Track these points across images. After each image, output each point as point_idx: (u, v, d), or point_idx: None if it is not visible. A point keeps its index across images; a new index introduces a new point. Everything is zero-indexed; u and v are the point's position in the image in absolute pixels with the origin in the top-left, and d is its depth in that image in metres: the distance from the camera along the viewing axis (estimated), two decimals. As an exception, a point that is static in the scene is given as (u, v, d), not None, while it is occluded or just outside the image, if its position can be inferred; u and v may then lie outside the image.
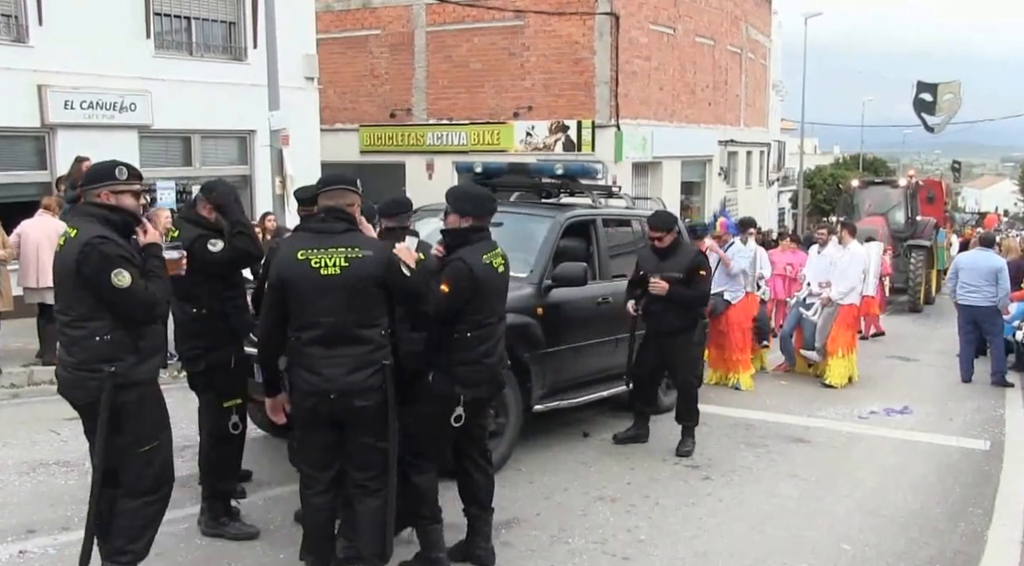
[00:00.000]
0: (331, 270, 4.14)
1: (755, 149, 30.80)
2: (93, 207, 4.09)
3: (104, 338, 3.96)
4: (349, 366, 4.17)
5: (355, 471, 4.36)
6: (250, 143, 14.97)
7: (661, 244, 7.16)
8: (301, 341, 4.21)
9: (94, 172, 4.20)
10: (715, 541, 5.54)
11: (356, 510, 4.39)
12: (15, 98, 11.86)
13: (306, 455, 4.45)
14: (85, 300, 3.95)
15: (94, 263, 3.90)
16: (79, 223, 4.06)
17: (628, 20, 20.67)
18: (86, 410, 4.09)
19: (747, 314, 10.05)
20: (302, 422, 4.40)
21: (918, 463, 7.43)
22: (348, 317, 4.17)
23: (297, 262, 4.18)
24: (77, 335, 3.98)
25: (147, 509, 4.18)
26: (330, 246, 4.18)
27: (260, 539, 5.26)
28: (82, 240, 3.93)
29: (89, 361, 3.96)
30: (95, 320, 3.96)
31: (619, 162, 20.09)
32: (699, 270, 7.16)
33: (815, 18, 33.00)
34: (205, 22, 14.43)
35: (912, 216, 20.09)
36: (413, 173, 22.09)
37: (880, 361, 12.13)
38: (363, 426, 4.28)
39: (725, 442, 7.77)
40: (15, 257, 9.04)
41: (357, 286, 4.17)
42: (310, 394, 4.21)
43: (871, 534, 5.74)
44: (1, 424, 7.65)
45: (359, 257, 4.18)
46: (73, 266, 3.91)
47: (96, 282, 3.91)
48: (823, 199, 43.36)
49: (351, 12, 22.98)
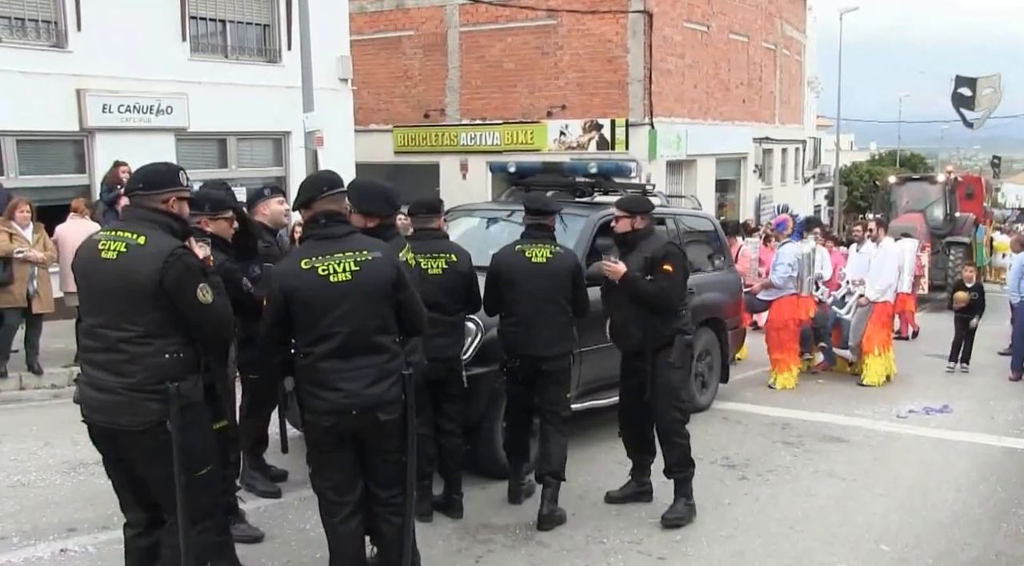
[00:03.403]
0: (342, 276, 3.89)
1: (790, 146, 30.51)
2: (157, 213, 3.71)
3: (175, 356, 3.62)
4: (370, 378, 3.93)
5: (379, 489, 4.13)
6: (285, 145, 15.10)
7: (618, 228, 5.87)
8: (314, 356, 3.91)
9: (159, 175, 3.80)
10: (751, 541, 5.48)
11: (382, 531, 4.18)
12: (55, 102, 12.04)
13: (329, 479, 4.08)
14: (152, 314, 3.58)
15: (179, 275, 3.58)
16: (140, 229, 3.66)
17: (661, 18, 20.56)
18: (133, 438, 3.63)
19: (790, 314, 9.91)
20: (320, 445, 4.04)
21: (959, 462, 7.30)
22: (367, 324, 3.94)
23: (302, 271, 3.90)
24: (140, 352, 3.57)
25: (204, 537, 3.84)
26: (336, 252, 3.94)
27: (286, 541, 5.29)
28: (161, 249, 3.58)
29: (151, 380, 3.57)
30: (164, 337, 3.60)
31: (653, 160, 19.99)
32: (662, 263, 5.65)
33: (851, 13, 32.62)
34: (240, 25, 14.57)
35: (951, 212, 19.78)
36: (447, 173, 22.14)
37: (919, 359, 11.95)
38: (386, 440, 4.05)
39: (761, 441, 7.70)
40: (55, 260, 9.18)
41: (371, 291, 3.95)
42: (328, 413, 3.91)
43: (911, 534, 5.65)
44: (43, 424, 7.78)
45: (369, 260, 3.96)
46: (155, 276, 3.54)
47: (179, 296, 3.58)
48: (859, 196, 42.84)
49: (384, 13, 23.08)
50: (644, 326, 5.66)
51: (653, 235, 5.90)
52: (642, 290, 5.60)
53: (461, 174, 21.93)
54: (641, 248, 5.73)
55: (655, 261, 5.63)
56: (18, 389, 8.97)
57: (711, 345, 8.70)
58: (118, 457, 3.73)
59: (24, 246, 8.89)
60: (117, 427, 3.62)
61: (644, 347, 5.67)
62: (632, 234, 5.79)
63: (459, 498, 5.72)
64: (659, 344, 5.66)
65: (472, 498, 5.87)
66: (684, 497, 5.75)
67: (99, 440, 3.75)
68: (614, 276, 5.66)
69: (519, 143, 21.25)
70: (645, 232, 5.82)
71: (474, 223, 8.17)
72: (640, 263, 5.64)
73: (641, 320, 5.66)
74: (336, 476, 4.06)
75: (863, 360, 10.34)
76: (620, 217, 5.84)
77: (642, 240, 5.77)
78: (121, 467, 3.76)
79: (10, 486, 6.20)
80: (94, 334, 3.66)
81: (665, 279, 5.62)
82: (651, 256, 5.63)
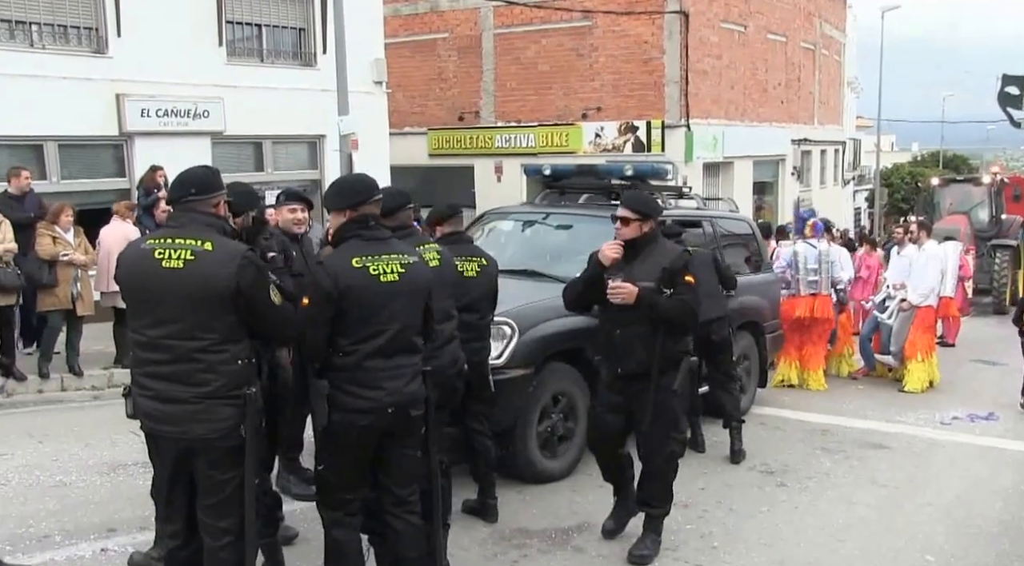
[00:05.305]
0: (391, 276, 3.96)
1: (829, 147, 30.13)
2: (212, 217, 3.72)
3: (247, 361, 3.66)
4: (408, 376, 4.01)
5: (397, 487, 4.13)
6: (320, 148, 15.15)
7: (624, 233, 5.05)
8: (359, 354, 3.91)
9: (208, 179, 3.80)
10: (791, 549, 5.39)
11: (398, 530, 4.15)
12: (95, 107, 12.18)
13: (346, 477, 4.05)
14: (228, 320, 3.59)
15: (254, 278, 3.61)
16: (201, 235, 3.62)
17: (698, 18, 20.40)
18: (204, 445, 3.61)
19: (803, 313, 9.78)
20: (348, 445, 3.98)
21: (1007, 472, 7.13)
22: (410, 324, 4.05)
23: (354, 270, 3.91)
24: (216, 360, 3.57)
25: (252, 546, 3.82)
26: (383, 253, 4.00)
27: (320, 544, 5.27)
28: (232, 254, 3.60)
29: (226, 388, 3.58)
30: (236, 342, 3.62)
31: (689, 163, 19.82)
32: (684, 274, 4.99)
33: (892, 11, 32.19)
34: (276, 29, 14.65)
35: (997, 214, 19.40)
36: (481, 176, 22.14)
37: (963, 365, 11.72)
38: (410, 436, 4.12)
39: (800, 447, 7.58)
40: (95, 263, 9.30)
41: (415, 292, 4.05)
42: (367, 412, 3.91)
43: (957, 545, 5.52)
44: (83, 425, 7.87)
45: (411, 263, 4.07)
46: (231, 281, 3.54)
47: (255, 298, 3.62)
48: (901, 198, 42.25)
49: (419, 16, 23.14)
50: (651, 346, 4.96)
51: (660, 240, 5.18)
52: (664, 310, 4.90)
53: (496, 177, 21.90)
54: (651, 256, 5.00)
55: (674, 272, 4.95)
56: (60, 390, 9.08)
57: (749, 349, 8.58)
58: (180, 467, 3.71)
59: (68, 249, 9.03)
60: (188, 436, 3.60)
61: (649, 369, 4.98)
62: (642, 239, 5.03)
63: (494, 502, 5.68)
64: (666, 366, 5.01)
65: (507, 502, 5.84)
66: (654, 533, 5.20)
67: (162, 450, 3.73)
68: (626, 300, 4.88)
69: (554, 145, 21.18)
70: (654, 237, 5.11)
71: (509, 227, 8.13)
72: (655, 274, 4.93)
73: (649, 339, 4.95)
74: (354, 474, 4.06)
75: (905, 366, 10.16)
76: (628, 219, 5.03)
77: (650, 246, 5.05)
78: (181, 476, 3.73)
79: (52, 486, 6.27)
80: (159, 346, 3.59)
81: (688, 292, 4.96)
82: (669, 267, 4.94)
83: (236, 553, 3.74)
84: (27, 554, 5.08)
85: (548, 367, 6.30)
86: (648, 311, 4.90)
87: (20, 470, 6.57)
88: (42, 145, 11.92)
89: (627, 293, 4.87)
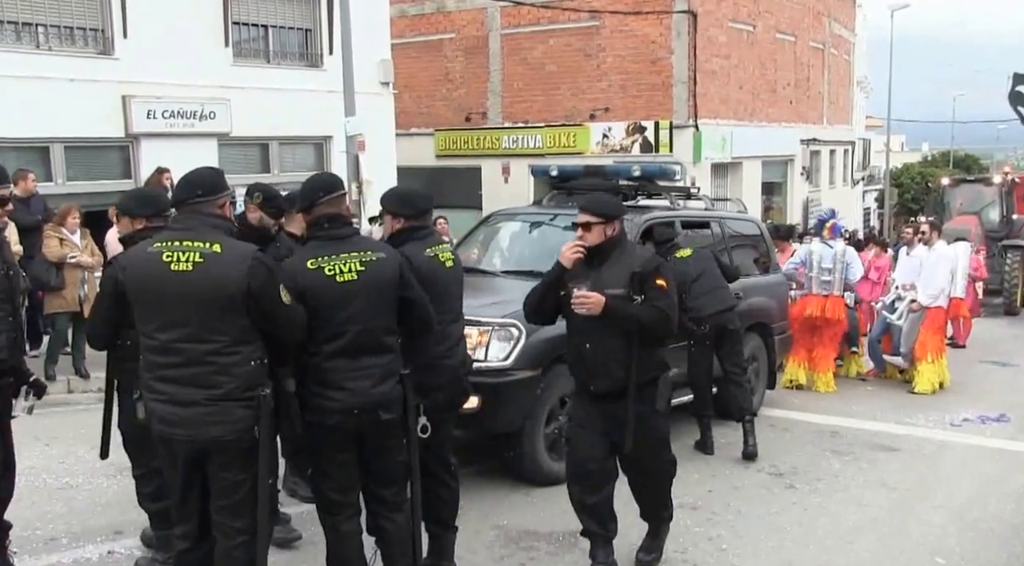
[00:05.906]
0: (348, 276, 3.93)
1: (839, 148, 30.04)
2: (218, 219, 3.73)
3: (259, 362, 3.66)
4: (376, 377, 3.96)
5: (380, 487, 4.15)
6: (327, 149, 15.13)
7: (589, 238, 4.58)
8: (322, 355, 3.91)
9: (214, 180, 3.80)
10: (801, 551, 5.35)
11: (385, 529, 4.19)
12: (102, 109, 12.19)
13: (334, 478, 4.06)
14: (240, 321, 3.59)
15: (264, 278, 3.61)
16: (208, 236, 3.62)
17: (706, 18, 20.35)
18: (218, 447, 3.63)
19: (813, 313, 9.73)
20: (323, 445, 4.01)
21: (1018, 473, 7.07)
22: (375, 324, 3.98)
23: (308, 271, 3.91)
24: (229, 362, 3.58)
25: (264, 544, 3.82)
26: (341, 252, 3.97)
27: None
28: (242, 255, 3.61)
29: (241, 388, 3.60)
30: (249, 343, 3.62)
31: (698, 163, 19.78)
32: (655, 277, 4.56)
33: (902, 10, 32.05)
34: (282, 30, 14.66)
35: (1008, 215, 19.26)
36: (488, 177, 22.14)
37: (973, 366, 11.63)
38: (387, 438, 4.08)
39: (810, 449, 7.54)
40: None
41: (378, 290, 3.99)
42: (333, 412, 3.90)
43: (968, 547, 5.47)
44: (89, 427, 7.79)
45: (373, 260, 4.00)
46: (243, 282, 3.54)
47: (264, 299, 3.61)
48: (911, 198, 42.10)
49: (425, 16, 23.15)
50: (626, 361, 4.51)
51: (627, 243, 4.79)
52: (636, 319, 4.48)
53: (503, 177, 21.89)
54: (620, 261, 4.58)
55: (645, 276, 4.52)
56: (66, 392, 9.08)
57: (758, 350, 8.52)
58: (193, 469, 3.71)
59: (75, 251, 9.04)
60: (202, 439, 3.61)
61: (626, 387, 4.52)
62: (607, 243, 4.59)
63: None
64: (644, 381, 4.57)
65: (515, 505, 5.81)
66: (660, 536, 5.08)
67: (175, 453, 3.71)
68: (592, 311, 4.42)
69: (561, 146, 21.16)
70: (620, 240, 4.69)
71: (516, 227, 8.10)
72: (624, 280, 4.50)
73: (623, 353, 4.50)
74: (341, 475, 4.06)
75: (915, 367, 10.08)
76: (590, 224, 4.59)
77: (617, 250, 4.62)
78: (193, 478, 3.73)
79: (59, 488, 6.28)
80: (170, 349, 3.59)
81: (662, 298, 4.53)
82: (640, 271, 4.53)
83: (248, 552, 3.74)
84: (34, 556, 5.09)
85: (555, 369, 6.26)
86: (619, 322, 4.50)
87: (27, 473, 6.51)
88: (48, 147, 11.95)
89: (593, 303, 4.41)
